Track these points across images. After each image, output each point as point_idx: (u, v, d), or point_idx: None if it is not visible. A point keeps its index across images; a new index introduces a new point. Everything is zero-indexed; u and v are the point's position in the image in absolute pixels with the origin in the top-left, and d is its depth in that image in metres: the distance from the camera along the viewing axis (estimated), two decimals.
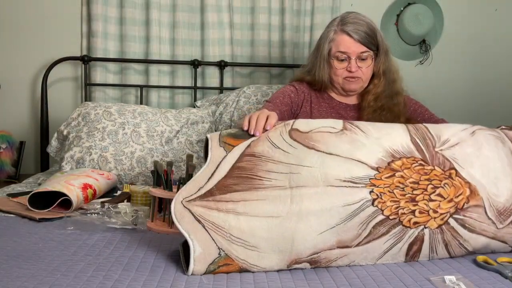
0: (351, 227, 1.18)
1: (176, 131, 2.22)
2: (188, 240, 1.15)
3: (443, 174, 1.27)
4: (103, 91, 2.62)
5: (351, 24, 1.83)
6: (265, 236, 1.17)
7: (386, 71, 1.89)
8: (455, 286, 1.07)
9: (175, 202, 1.20)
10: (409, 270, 1.18)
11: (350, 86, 1.88)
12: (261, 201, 1.19)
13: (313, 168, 1.23)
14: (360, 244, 1.19)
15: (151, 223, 1.48)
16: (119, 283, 1.05)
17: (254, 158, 1.25)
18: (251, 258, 1.16)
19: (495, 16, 2.89)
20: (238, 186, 1.21)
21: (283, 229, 1.17)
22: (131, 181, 2.05)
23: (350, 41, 1.82)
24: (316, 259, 1.18)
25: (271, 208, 1.18)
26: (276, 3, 2.68)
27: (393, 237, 1.20)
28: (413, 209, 1.22)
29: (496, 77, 2.91)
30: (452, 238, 1.25)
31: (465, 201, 1.26)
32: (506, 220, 1.28)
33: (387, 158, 1.26)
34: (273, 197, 1.20)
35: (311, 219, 1.17)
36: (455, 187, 1.26)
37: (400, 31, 2.78)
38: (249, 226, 1.17)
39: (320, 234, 1.17)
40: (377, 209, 1.19)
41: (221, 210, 1.19)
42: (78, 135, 2.14)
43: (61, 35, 2.63)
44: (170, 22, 2.65)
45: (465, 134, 1.39)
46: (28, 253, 1.23)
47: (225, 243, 1.16)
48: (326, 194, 1.19)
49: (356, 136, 1.30)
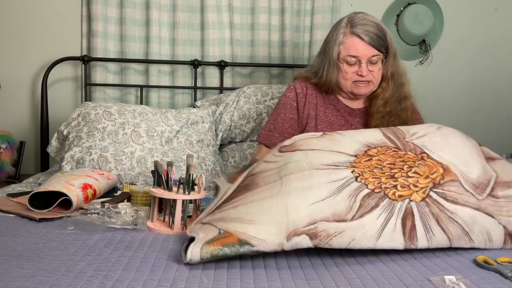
0: (341, 199, 1.24)
1: (176, 131, 2.22)
2: (194, 234, 1.24)
3: (415, 157, 1.39)
4: (103, 91, 2.63)
5: (361, 25, 1.78)
6: (259, 211, 1.25)
7: (394, 74, 1.85)
8: (455, 286, 1.07)
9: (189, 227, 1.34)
10: (409, 270, 1.18)
11: (360, 90, 1.83)
12: (256, 194, 1.32)
13: (299, 161, 1.35)
14: (355, 218, 1.22)
15: (151, 223, 1.49)
16: (119, 283, 1.05)
17: (253, 176, 1.40)
18: (249, 230, 1.20)
19: (495, 16, 2.89)
20: (239, 193, 1.36)
21: (276, 203, 1.25)
22: (131, 181, 2.05)
23: (361, 44, 1.77)
24: (314, 231, 1.19)
25: (265, 194, 1.29)
26: (276, 3, 2.69)
27: (383, 210, 1.24)
28: (395, 184, 1.30)
29: (496, 77, 2.91)
30: (439, 211, 1.29)
31: (440, 178, 1.35)
32: (483, 193, 1.36)
33: (363, 148, 1.39)
34: (266, 188, 1.32)
35: (300, 193, 1.26)
36: (428, 167, 1.36)
37: (400, 31, 2.78)
38: (245, 209, 1.27)
39: (313, 204, 1.23)
40: (361, 183, 1.28)
41: (223, 210, 1.31)
42: (78, 135, 2.14)
43: (61, 35, 2.63)
44: (170, 22, 2.65)
45: (432, 129, 1.52)
46: (28, 253, 1.23)
47: (224, 224, 1.24)
48: (312, 175, 1.30)
49: (334, 137, 1.45)
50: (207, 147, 2.23)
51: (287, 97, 1.93)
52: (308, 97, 1.91)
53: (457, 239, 1.29)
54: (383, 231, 1.22)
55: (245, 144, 2.38)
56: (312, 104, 1.90)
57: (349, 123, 1.90)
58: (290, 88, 1.95)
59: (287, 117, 1.90)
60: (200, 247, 1.16)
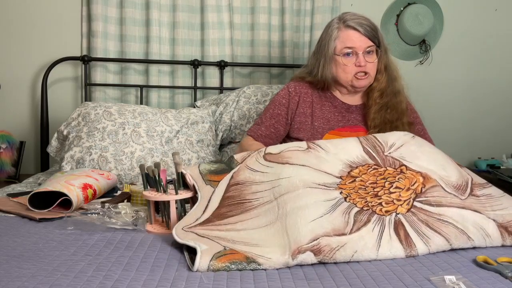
0: (337, 216, 1.30)
1: (176, 131, 2.22)
2: (194, 245, 1.22)
3: (395, 171, 1.45)
4: (103, 91, 2.63)
5: (353, 19, 1.84)
6: (263, 238, 1.28)
7: (387, 67, 1.90)
8: (455, 286, 1.07)
9: (176, 229, 1.31)
10: (409, 270, 1.18)
11: (360, 82, 1.87)
12: (255, 218, 1.34)
13: (291, 178, 1.40)
14: (353, 231, 1.27)
15: (149, 226, 1.48)
16: (119, 283, 1.05)
17: (239, 186, 1.43)
18: (255, 250, 1.23)
19: (495, 16, 2.89)
20: (232, 212, 1.37)
21: (276, 230, 1.29)
22: (131, 181, 2.05)
23: (356, 35, 1.82)
24: (317, 246, 1.22)
25: (265, 221, 1.33)
26: (276, 3, 2.69)
27: (376, 224, 1.29)
28: (379, 202, 1.36)
29: (496, 77, 2.91)
30: (427, 216, 1.34)
31: (421, 186, 1.41)
32: (465, 193, 1.43)
33: (346, 169, 1.45)
34: (264, 212, 1.35)
35: (298, 212, 1.30)
36: (409, 179, 1.42)
37: (400, 31, 2.78)
38: (248, 235, 1.30)
39: (313, 221, 1.27)
40: (351, 203, 1.34)
41: (222, 230, 1.32)
42: (78, 135, 2.14)
43: (61, 35, 2.63)
44: (170, 22, 2.65)
45: (407, 138, 1.59)
46: (28, 253, 1.23)
47: (229, 244, 1.26)
48: (307, 193, 1.35)
49: (319, 153, 1.50)
50: (207, 147, 2.23)
51: (279, 95, 1.99)
52: (303, 96, 1.93)
53: (454, 238, 1.31)
54: (380, 240, 1.27)
55: None
56: (307, 103, 1.92)
57: (346, 119, 1.92)
58: (284, 88, 2.01)
59: (275, 112, 1.95)
60: (208, 261, 1.16)
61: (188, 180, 1.48)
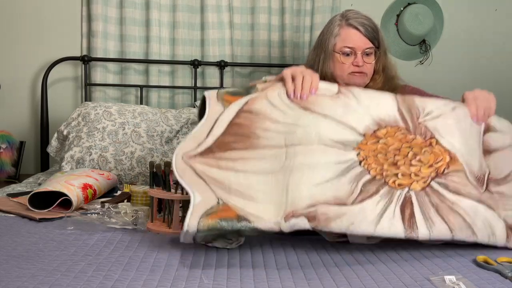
0: (344, 182, 1.25)
1: (176, 131, 2.22)
2: (190, 191, 1.20)
3: (424, 142, 1.37)
4: (103, 91, 2.62)
5: (356, 18, 1.83)
6: (261, 189, 1.23)
7: (385, 68, 1.90)
8: (455, 286, 1.07)
9: (176, 157, 1.27)
10: (409, 270, 1.18)
11: (355, 80, 1.86)
12: (259, 159, 1.28)
13: (308, 127, 1.32)
14: (355, 202, 1.23)
15: (150, 224, 1.48)
16: (119, 283, 1.05)
17: (252, 115, 1.33)
18: (248, 207, 1.19)
19: (495, 16, 2.89)
20: (236, 144, 1.29)
21: (277, 183, 1.24)
22: (131, 181, 2.05)
23: (357, 35, 1.81)
24: (313, 213, 1.19)
25: (268, 166, 1.27)
26: (276, 3, 2.68)
27: (383, 197, 1.26)
28: (396, 172, 1.31)
29: (496, 77, 2.91)
30: (440, 201, 1.29)
31: (445, 167, 1.34)
32: (482, 187, 1.37)
33: (373, 126, 1.36)
34: (270, 156, 1.28)
35: (304, 171, 1.25)
36: (434, 154, 1.35)
37: (400, 31, 2.78)
38: (247, 181, 1.24)
39: (317, 185, 1.24)
40: (364, 169, 1.29)
41: (222, 168, 1.26)
42: (78, 135, 2.14)
43: (61, 35, 2.63)
44: (170, 22, 2.65)
45: (447, 109, 1.47)
46: (28, 253, 1.23)
47: (224, 194, 1.21)
48: (320, 151, 1.29)
49: (349, 100, 1.40)
50: None
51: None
52: None
53: (458, 230, 1.28)
54: (381, 217, 1.23)
55: None
56: None
57: None
58: None
59: None
60: (197, 219, 1.16)
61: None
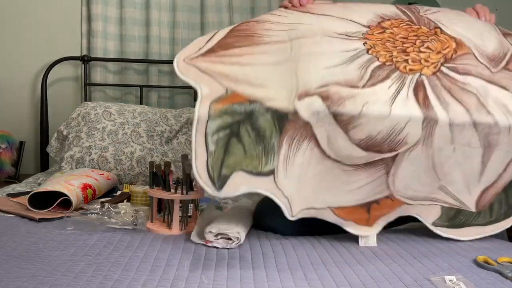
0: (353, 68, 1.24)
1: (176, 131, 2.21)
2: (195, 85, 1.17)
3: (429, 31, 1.37)
4: (103, 91, 2.63)
5: None
6: (269, 78, 1.21)
7: None
8: (455, 286, 1.07)
9: (177, 60, 1.24)
10: (409, 270, 1.18)
11: None
12: (264, 54, 1.26)
13: (310, 25, 1.33)
14: (366, 86, 1.22)
15: (150, 224, 1.48)
16: (119, 283, 1.05)
17: (251, 22, 1.35)
18: (259, 92, 1.18)
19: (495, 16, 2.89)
20: (238, 43, 1.27)
21: (286, 69, 1.23)
22: (131, 181, 2.05)
23: None
24: (326, 93, 1.19)
25: (273, 59, 1.25)
26: (276, 3, 2.68)
27: (395, 81, 1.24)
28: (406, 58, 1.29)
29: None
30: (451, 83, 1.28)
31: (452, 53, 1.34)
32: (498, 66, 1.35)
33: (377, 19, 1.37)
34: (274, 49, 1.27)
35: (311, 58, 1.25)
36: (441, 42, 1.35)
37: None
38: (254, 72, 1.22)
39: (326, 68, 1.23)
40: (373, 56, 1.28)
41: (226, 63, 1.23)
42: (78, 135, 2.14)
43: (61, 35, 2.63)
44: (170, 22, 2.65)
45: (447, 9, 1.54)
46: (28, 253, 1.23)
47: (231, 84, 1.19)
48: (324, 41, 1.29)
49: (347, 5, 1.43)
50: None
51: None
52: None
53: (475, 110, 1.27)
54: (395, 98, 1.22)
55: None
56: None
57: None
58: None
59: None
60: (208, 104, 1.13)
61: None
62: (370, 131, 1.22)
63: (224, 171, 1.10)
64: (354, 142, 1.23)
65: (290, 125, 1.18)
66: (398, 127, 1.23)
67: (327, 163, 1.23)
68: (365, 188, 1.28)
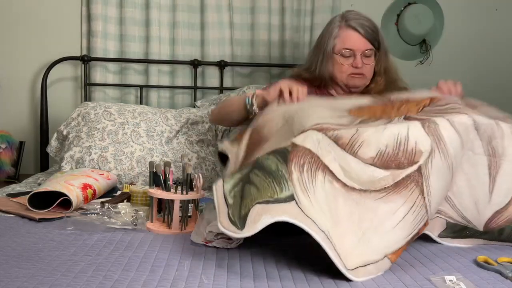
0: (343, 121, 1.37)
1: (176, 131, 2.21)
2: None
3: (401, 102, 1.44)
4: (103, 91, 2.62)
5: (356, 19, 1.83)
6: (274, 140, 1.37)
7: (386, 70, 1.90)
8: (455, 286, 1.07)
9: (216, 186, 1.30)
10: (409, 270, 1.18)
11: (355, 82, 1.86)
12: (270, 141, 1.39)
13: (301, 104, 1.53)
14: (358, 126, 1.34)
15: (150, 224, 1.48)
16: (119, 283, 1.05)
17: (256, 128, 1.50)
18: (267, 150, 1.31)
19: (495, 16, 2.89)
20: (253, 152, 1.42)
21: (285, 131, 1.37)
22: (131, 181, 2.05)
23: (356, 37, 1.81)
24: (320, 126, 1.29)
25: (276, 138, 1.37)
26: (276, 3, 2.68)
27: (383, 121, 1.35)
28: (389, 115, 1.37)
29: (496, 77, 2.91)
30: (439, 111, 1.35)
31: (430, 102, 1.42)
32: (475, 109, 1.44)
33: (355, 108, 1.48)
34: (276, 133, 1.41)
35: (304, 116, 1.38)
36: (416, 102, 1.42)
37: (400, 31, 2.78)
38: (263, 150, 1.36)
39: (318, 117, 1.35)
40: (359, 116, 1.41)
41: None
42: (78, 135, 2.14)
43: (61, 35, 2.63)
44: (170, 22, 2.65)
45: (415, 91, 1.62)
46: (28, 253, 1.23)
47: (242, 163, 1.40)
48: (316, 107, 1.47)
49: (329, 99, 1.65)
50: (207, 147, 2.23)
51: (275, 82, 1.94)
52: None
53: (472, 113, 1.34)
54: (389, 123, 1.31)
55: None
56: None
57: None
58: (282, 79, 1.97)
59: None
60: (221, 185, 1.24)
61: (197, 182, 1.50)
62: (376, 146, 1.23)
63: (243, 211, 1.15)
64: (368, 162, 1.23)
65: (292, 154, 1.22)
66: (402, 135, 1.24)
67: (355, 196, 1.20)
68: (408, 219, 1.20)
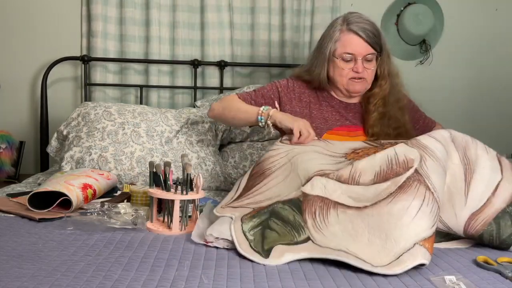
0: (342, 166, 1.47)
1: (176, 131, 2.21)
2: (231, 214, 1.44)
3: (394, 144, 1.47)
4: (103, 91, 2.63)
5: (357, 23, 1.79)
6: (282, 189, 1.48)
7: (390, 73, 1.87)
8: (455, 286, 1.07)
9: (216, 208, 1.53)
10: (409, 270, 1.18)
11: (355, 87, 1.84)
12: (275, 178, 1.53)
13: (303, 147, 1.64)
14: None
15: (150, 224, 1.48)
16: (119, 283, 1.05)
17: (260, 163, 1.62)
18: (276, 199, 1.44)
19: (495, 16, 2.89)
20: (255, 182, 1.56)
21: (292, 178, 1.49)
22: (131, 181, 2.05)
23: (358, 41, 1.78)
24: (323, 172, 1.42)
25: (282, 177, 1.53)
26: (276, 3, 2.69)
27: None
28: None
29: (496, 77, 2.91)
30: None
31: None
32: None
33: (350, 151, 1.59)
34: (281, 171, 1.54)
35: (307, 162, 1.52)
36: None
37: (400, 31, 2.78)
38: (271, 192, 1.50)
39: (321, 164, 1.49)
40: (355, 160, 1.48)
41: (251, 197, 1.52)
42: (78, 135, 2.14)
43: (61, 35, 2.63)
44: (170, 22, 2.65)
45: None
46: (28, 253, 1.23)
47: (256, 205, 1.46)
48: (316, 154, 1.58)
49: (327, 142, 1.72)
50: (207, 147, 2.23)
51: (279, 82, 1.96)
52: (300, 95, 1.91)
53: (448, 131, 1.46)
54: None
55: (245, 144, 2.37)
56: (304, 103, 1.91)
57: (344, 118, 1.90)
58: (286, 79, 1.98)
59: (268, 95, 1.92)
60: (239, 219, 1.37)
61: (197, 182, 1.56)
62: (372, 170, 1.36)
63: (266, 247, 1.29)
64: (370, 184, 1.34)
65: (304, 204, 1.36)
66: (391, 154, 1.37)
67: (368, 211, 1.28)
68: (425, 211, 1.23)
